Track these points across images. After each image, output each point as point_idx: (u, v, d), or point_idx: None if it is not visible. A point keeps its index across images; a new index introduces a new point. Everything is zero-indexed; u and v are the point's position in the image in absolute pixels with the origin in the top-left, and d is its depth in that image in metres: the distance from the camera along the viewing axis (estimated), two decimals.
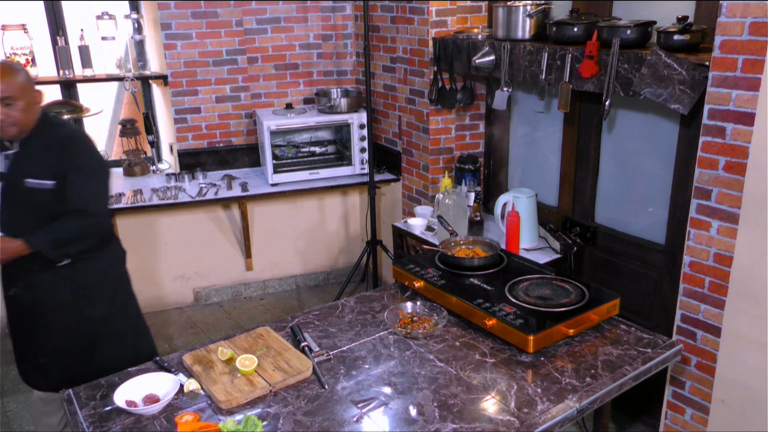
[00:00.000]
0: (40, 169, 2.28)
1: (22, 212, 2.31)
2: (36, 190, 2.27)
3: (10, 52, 3.85)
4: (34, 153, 2.30)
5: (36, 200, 2.29)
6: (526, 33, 3.09)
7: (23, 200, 2.29)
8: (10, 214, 2.32)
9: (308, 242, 4.69)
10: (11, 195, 2.31)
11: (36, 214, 2.30)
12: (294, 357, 2.02)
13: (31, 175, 2.27)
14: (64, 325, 2.44)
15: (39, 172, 2.27)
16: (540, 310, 2.16)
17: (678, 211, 2.79)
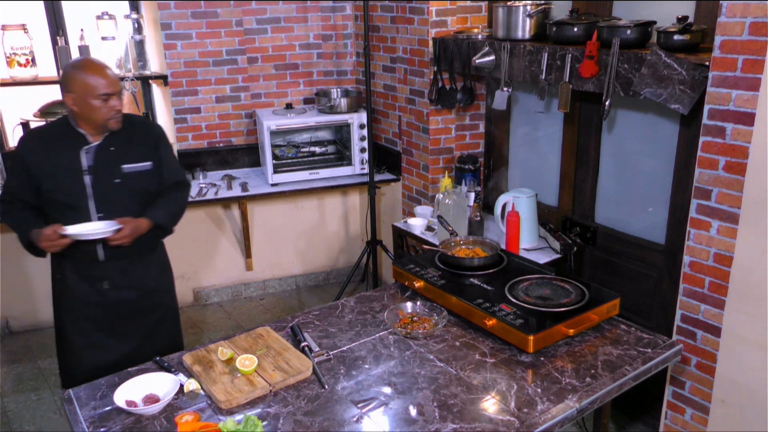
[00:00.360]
0: (135, 154, 2.45)
1: (118, 199, 2.42)
2: (133, 174, 2.44)
3: (10, 52, 3.85)
4: (121, 141, 2.43)
5: (132, 184, 2.44)
6: (526, 33, 3.09)
7: (118, 187, 2.42)
8: (105, 203, 2.41)
9: (308, 242, 4.70)
10: (104, 185, 2.40)
11: (132, 198, 2.45)
12: (294, 357, 2.02)
13: (127, 161, 2.42)
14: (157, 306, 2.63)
15: (134, 157, 2.44)
16: (540, 310, 2.16)
17: (678, 211, 2.79)
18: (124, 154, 2.44)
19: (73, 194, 2.38)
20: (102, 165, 2.40)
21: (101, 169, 2.40)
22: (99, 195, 2.40)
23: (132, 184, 2.45)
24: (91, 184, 2.39)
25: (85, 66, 2.30)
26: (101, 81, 2.27)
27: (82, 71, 2.29)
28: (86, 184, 2.39)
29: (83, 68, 2.30)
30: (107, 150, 2.41)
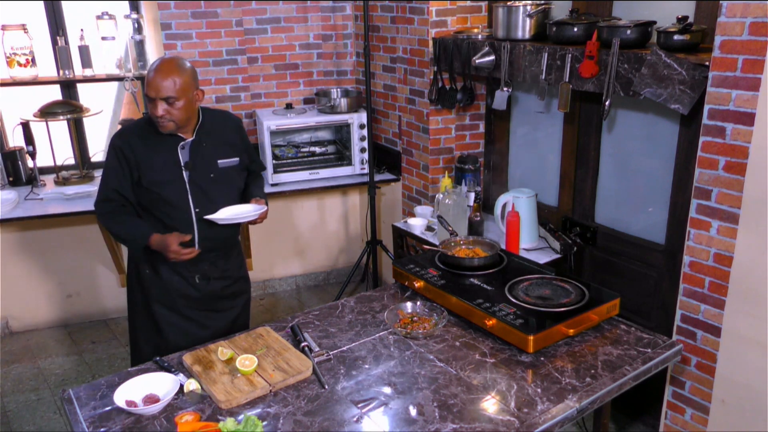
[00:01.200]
0: (225, 149, 2.55)
1: (213, 193, 2.51)
2: (226, 169, 2.54)
3: (10, 52, 3.85)
4: (214, 138, 2.52)
5: (225, 179, 2.55)
6: (526, 33, 3.09)
7: (212, 182, 2.51)
8: (202, 197, 2.49)
9: (308, 242, 4.69)
10: (200, 180, 2.48)
11: (224, 191, 2.55)
12: (294, 357, 2.02)
13: (221, 156, 2.53)
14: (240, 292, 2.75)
15: (226, 153, 2.55)
16: (540, 310, 2.16)
17: (678, 211, 2.79)
18: (217, 150, 2.53)
19: (174, 189, 2.45)
20: (198, 160, 2.48)
21: (198, 165, 2.48)
22: (196, 190, 2.48)
23: (225, 179, 2.55)
24: (188, 179, 2.46)
25: (156, 64, 2.36)
26: (149, 82, 2.32)
27: (151, 67, 2.37)
28: (185, 179, 2.46)
29: (154, 65, 2.36)
30: (201, 146, 2.49)
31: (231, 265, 2.69)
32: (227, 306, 2.70)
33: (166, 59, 2.39)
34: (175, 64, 2.36)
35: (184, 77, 2.34)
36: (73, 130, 4.17)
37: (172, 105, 2.33)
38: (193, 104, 2.42)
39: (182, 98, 2.34)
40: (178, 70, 2.34)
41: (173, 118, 2.36)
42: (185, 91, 2.35)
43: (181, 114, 2.37)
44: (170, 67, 2.34)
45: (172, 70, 2.33)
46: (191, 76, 2.39)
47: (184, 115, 2.38)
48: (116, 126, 4.36)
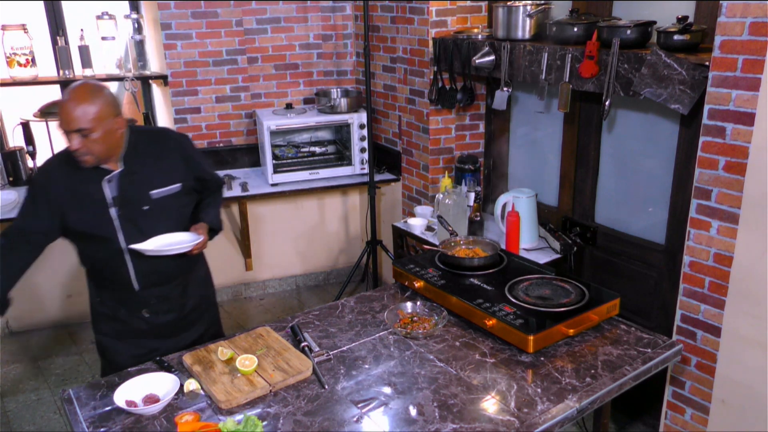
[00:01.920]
0: (162, 176, 2.28)
1: (148, 227, 2.25)
2: (165, 197, 2.28)
3: (10, 52, 3.85)
4: (148, 165, 2.26)
5: (164, 208, 2.28)
6: (526, 33, 3.09)
7: (147, 215, 2.25)
8: (134, 233, 2.24)
9: (308, 242, 4.70)
10: (131, 215, 2.23)
11: (162, 222, 2.29)
12: (294, 357, 2.02)
13: (156, 185, 2.26)
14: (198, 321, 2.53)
15: (162, 180, 2.28)
16: (540, 310, 2.16)
17: (678, 211, 2.79)
18: (151, 178, 2.26)
19: (101, 228, 2.22)
20: (127, 194, 2.23)
21: (128, 198, 2.23)
22: (128, 226, 2.24)
23: (161, 210, 2.28)
24: (117, 216, 2.22)
25: (67, 93, 2.10)
26: (63, 116, 2.06)
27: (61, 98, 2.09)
28: (112, 216, 2.21)
29: (65, 94, 2.10)
30: (131, 177, 2.23)
31: (188, 295, 2.46)
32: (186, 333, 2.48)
33: (78, 86, 2.10)
34: (87, 91, 2.08)
35: (99, 105, 2.07)
36: None
37: (88, 137, 2.07)
38: (114, 133, 2.14)
39: (98, 129, 2.07)
40: (91, 97, 2.07)
41: (91, 152, 2.10)
42: (101, 121, 2.07)
43: (99, 146, 2.10)
44: (82, 95, 2.07)
45: (84, 97, 2.06)
46: (107, 102, 2.11)
47: (103, 146, 2.11)
48: None
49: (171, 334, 2.43)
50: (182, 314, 2.45)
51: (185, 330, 2.47)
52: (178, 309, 2.43)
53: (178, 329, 2.45)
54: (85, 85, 2.11)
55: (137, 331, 2.40)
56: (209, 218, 2.42)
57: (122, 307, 2.37)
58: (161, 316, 2.39)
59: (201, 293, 2.54)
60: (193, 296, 2.48)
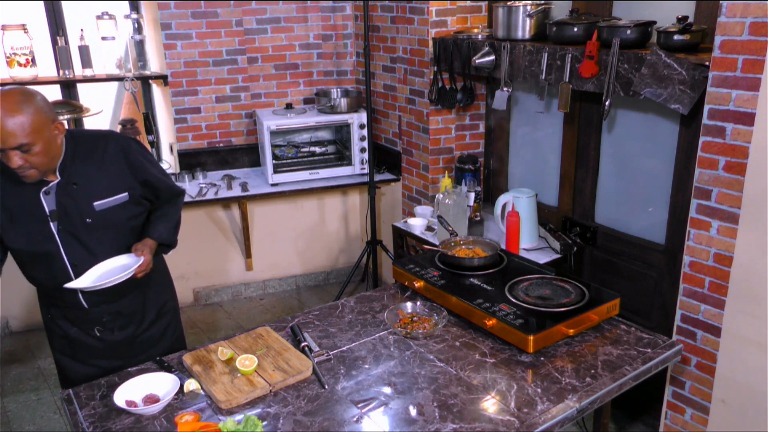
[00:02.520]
0: (106, 187, 2.09)
1: (92, 241, 2.09)
2: (110, 208, 2.09)
3: (10, 52, 3.85)
4: (88, 175, 2.06)
5: (110, 220, 2.10)
6: (526, 33, 3.09)
7: (91, 227, 2.07)
8: (77, 248, 2.08)
9: (308, 242, 4.69)
10: (73, 227, 2.06)
11: (113, 234, 2.13)
12: (294, 357, 2.02)
13: (99, 195, 2.07)
14: (158, 336, 2.34)
15: (106, 190, 2.08)
16: (540, 310, 2.15)
17: (678, 211, 2.79)
18: (93, 188, 2.06)
19: (41, 244, 2.04)
20: (67, 207, 2.03)
21: (67, 213, 2.03)
22: (70, 241, 2.06)
23: (107, 222, 2.09)
24: (57, 230, 2.04)
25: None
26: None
27: None
28: (53, 231, 2.03)
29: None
30: (70, 188, 2.03)
31: (147, 308, 2.30)
32: (148, 352, 2.27)
33: (5, 95, 1.85)
34: (17, 100, 1.85)
35: (34, 115, 1.86)
36: None
37: (29, 152, 1.87)
38: (54, 141, 1.95)
39: (38, 141, 1.87)
40: (24, 107, 1.84)
41: (35, 165, 1.91)
42: (40, 132, 1.87)
43: (42, 158, 1.91)
44: (12, 106, 1.83)
45: (16, 108, 1.83)
46: (42, 109, 1.90)
47: (46, 158, 1.93)
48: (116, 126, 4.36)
49: (129, 352, 2.25)
50: (140, 329, 2.29)
51: (146, 349, 2.28)
52: (136, 323, 2.27)
53: (138, 347, 2.27)
54: (13, 94, 1.86)
55: (91, 350, 2.24)
56: (156, 233, 2.20)
57: (73, 326, 2.22)
58: (117, 332, 2.23)
59: (162, 299, 2.36)
60: (152, 307, 2.32)
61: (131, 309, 2.26)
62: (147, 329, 2.32)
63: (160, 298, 2.37)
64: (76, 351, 2.26)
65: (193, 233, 4.31)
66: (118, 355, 2.26)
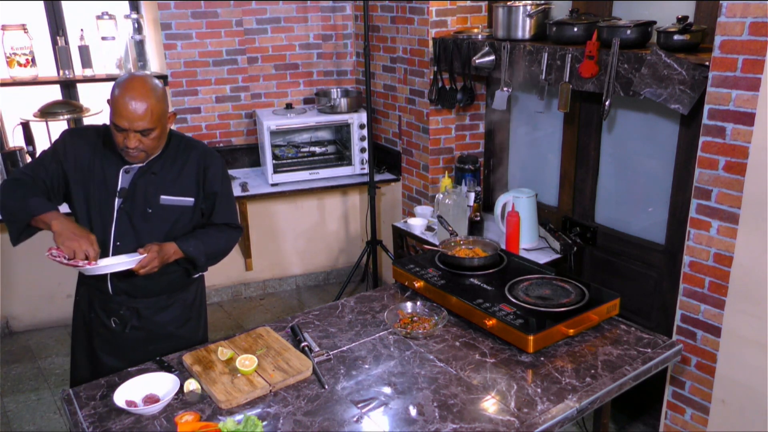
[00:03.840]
0: (179, 185, 2.17)
1: (143, 230, 2.15)
2: (171, 207, 2.16)
3: (10, 52, 3.85)
4: (167, 170, 2.16)
5: (167, 217, 2.17)
6: (526, 33, 3.09)
7: (148, 217, 2.15)
8: (127, 231, 2.14)
9: (308, 242, 4.70)
10: (133, 212, 2.14)
11: (166, 230, 2.17)
12: (294, 357, 2.02)
13: (168, 191, 2.16)
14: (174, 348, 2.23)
15: (178, 189, 2.17)
16: (540, 310, 2.16)
17: (678, 211, 2.79)
18: (167, 183, 2.16)
19: (99, 212, 2.13)
20: (137, 191, 2.14)
21: (135, 196, 2.13)
22: (124, 222, 2.14)
23: (163, 218, 2.17)
24: (118, 207, 2.13)
25: (126, 87, 1.99)
26: (126, 114, 1.97)
27: (119, 90, 1.99)
28: (114, 207, 2.13)
29: (122, 88, 1.99)
30: (148, 174, 2.14)
31: (164, 319, 2.28)
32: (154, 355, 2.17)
33: (137, 80, 2.00)
34: (149, 87, 2.00)
35: (160, 103, 2.02)
36: None
37: (147, 136, 2.03)
38: (166, 130, 2.13)
39: (158, 127, 2.03)
40: (153, 94, 2.00)
41: (146, 149, 2.06)
42: (161, 119, 2.04)
43: (155, 143, 2.07)
44: (145, 92, 1.98)
45: (147, 95, 1.98)
46: (165, 98, 2.07)
47: (158, 143, 2.10)
48: None
49: (137, 356, 2.17)
50: (151, 338, 2.27)
51: (157, 353, 2.18)
52: (148, 329, 2.26)
53: (150, 351, 2.21)
54: (145, 81, 2.01)
55: (103, 344, 2.26)
56: (184, 242, 2.16)
57: (93, 311, 2.26)
58: (129, 331, 2.25)
59: (184, 321, 2.33)
60: (172, 324, 2.30)
61: (149, 313, 2.26)
62: (159, 340, 2.27)
63: (178, 328, 2.32)
64: (91, 341, 2.28)
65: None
66: (125, 355, 2.24)
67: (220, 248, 2.29)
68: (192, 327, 2.38)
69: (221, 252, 2.31)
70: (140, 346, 2.25)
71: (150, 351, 2.20)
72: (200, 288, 2.43)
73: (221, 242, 2.29)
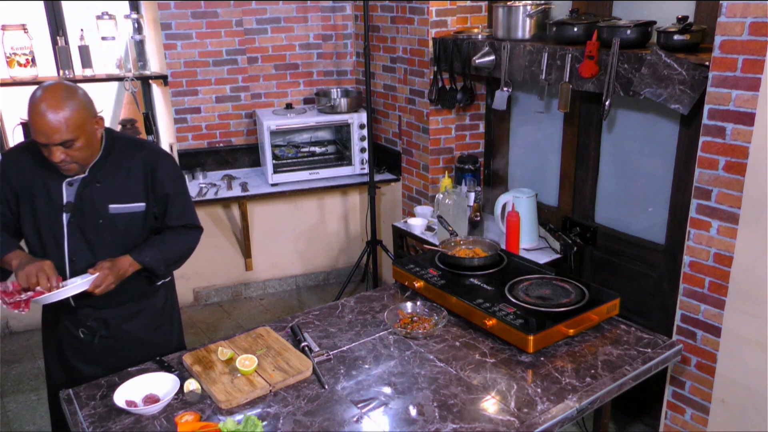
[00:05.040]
0: (126, 192, 2.09)
1: (100, 241, 2.08)
2: (122, 215, 2.09)
3: (10, 52, 3.85)
4: (112, 177, 2.08)
5: (119, 226, 2.09)
6: (526, 33, 3.09)
7: (101, 227, 2.08)
8: (81, 245, 2.08)
9: (308, 242, 4.70)
10: (83, 225, 2.07)
11: (120, 240, 2.10)
12: (294, 357, 2.02)
13: (115, 200, 2.07)
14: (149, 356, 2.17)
15: (125, 196, 2.09)
16: (540, 310, 2.16)
17: (678, 211, 2.79)
18: (114, 190, 2.08)
19: (50, 231, 2.06)
20: (84, 202, 2.05)
21: (82, 208, 2.05)
22: (76, 236, 2.06)
23: (116, 228, 2.09)
24: (67, 222, 2.05)
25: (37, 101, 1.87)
26: (41, 128, 1.86)
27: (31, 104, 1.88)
28: (63, 222, 2.05)
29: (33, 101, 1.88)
30: (92, 184, 2.05)
31: (134, 326, 2.22)
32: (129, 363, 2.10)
33: (49, 91, 1.88)
34: (61, 96, 1.88)
35: (79, 111, 1.90)
36: None
37: (71, 147, 1.92)
38: (95, 136, 2.00)
39: (81, 137, 1.92)
40: (68, 103, 1.88)
41: (76, 160, 1.97)
42: (82, 127, 1.92)
43: (83, 153, 1.96)
44: (56, 102, 1.86)
45: (60, 105, 1.86)
46: (85, 105, 1.94)
47: (88, 152, 1.99)
48: (116, 126, 4.36)
49: (112, 363, 2.14)
50: (123, 346, 2.22)
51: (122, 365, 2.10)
52: (119, 338, 2.22)
53: (115, 359, 2.17)
54: (57, 90, 1.89)
55: (76, 352, 2.22)
56: (142, 254, 2.09)
57: (61, 324, 2.21)
58: (98, 340, 2.20)
59: (155, 327, 2.28)
60: (142, 331, 2.25)
61: (117, 322, 2.20)
62: (132, 346, 2.23)
63: (149, 335, 2.28)
64: (63, 350, 2.24)
65: None
66: (99, 362, 2.20)
67: (180, 253, 2.23)
68: (164, 332, 2.33)
69: (181, 256, 2.24)
70: (112, 354, 2.21)
71: (123, 357, 2.15)
72: (170, 293, 2.37)
73: (180, 247, 2.22)
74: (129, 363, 2.08)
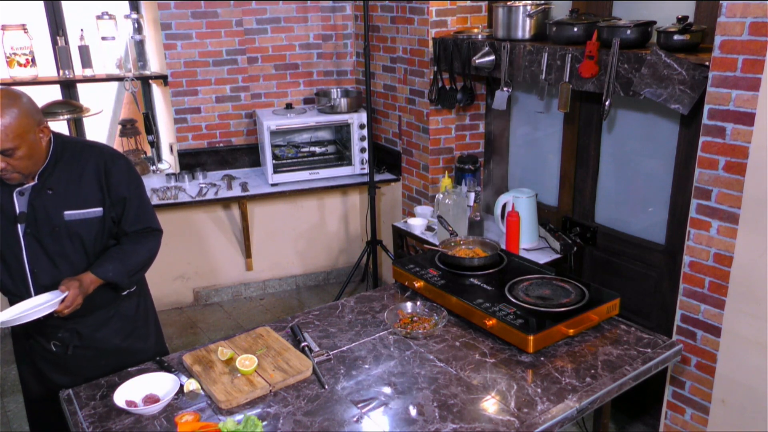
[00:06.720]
0: (81, 198, 2.03)
1: (58, 250, 2.03)
2: (78, 222, 2.03)
3: (10, 52, 3.85)
4: (65, 183, 2.02)
5: (76, 233, 2.04)
6: (526, 33, 3.09)
7: (57, 236, 2.02)
8: (40, 255, 2.03)
9: (308, 242, 4.70)
10: (39, 235, 2.01)
11: (78, 247, 2.06)
12: (294, 357, 2.02)
13: (69, 206, 2.02)
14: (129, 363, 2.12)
15: (80, 202, 2.03)
16: (540, 310, 2.16)
17: (678, 211, 2.79)
18: (68, 197, 2.01)
19: (5, 243, 2.00)
20: (38, 211, 1.99)
21: (36, 217, 1.99)
22: (34, 246, 2.01)
23: (73, 235, 2.03)
24: (23, 233, 1.99)
25: None
26: None
27: None
28: (19, 233, 1.99)
29: None
30: (44, 192, 1.99)
31: (108, 334, 2.18)
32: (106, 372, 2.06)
33: None
34: (2, 103, 1.82)
35: (19, 119, 1.84)
36: (73, 130, 4.17)
37: (12, 156, 1.86)
38: (39, 144, 1.93)
39: (22, 145, 1.86)
40: (7, 111, 1.82)
41: (18, 169, 1.91)
42: (24, 136, 1.86)
43: (25, 163, 1.90)
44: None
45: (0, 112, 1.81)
46: (27, 112, 1.88)
47: (30, 162, 1.92)
48: (116, 126, 4.36)
49: (89, 373, 2.09)
50: (99, 354, 2.18)
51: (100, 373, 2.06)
52: (93, 347, 2.17)
53: (93, 368, 2.13)
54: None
55: (49, 363, 2.19)
56: (101, 270, 2.03)
57: (30, 337, 2.17)
58: (72, 350, 2.15)
59: (130, 331, 2.24)
60: (116, 337, 2.21)
61: (89, 330, 2.16)
62: (111, 353, 2.19)
63: (124, 341, 2.23)
64: (36, 362, 2.20)
65: (193, 233, 4.31)
66: (76, 373, 2.16)
67: (142, 261, 2.17)
68: (140, 336, 2.29)
69: (144, 264, 2.19)
70: (89, 364, 2.17)
71: (102, 366, 2.13)
72: (143, 297, 2.32)
73: (142, 254, 2.16)
74: (106, 371, 2.04)
